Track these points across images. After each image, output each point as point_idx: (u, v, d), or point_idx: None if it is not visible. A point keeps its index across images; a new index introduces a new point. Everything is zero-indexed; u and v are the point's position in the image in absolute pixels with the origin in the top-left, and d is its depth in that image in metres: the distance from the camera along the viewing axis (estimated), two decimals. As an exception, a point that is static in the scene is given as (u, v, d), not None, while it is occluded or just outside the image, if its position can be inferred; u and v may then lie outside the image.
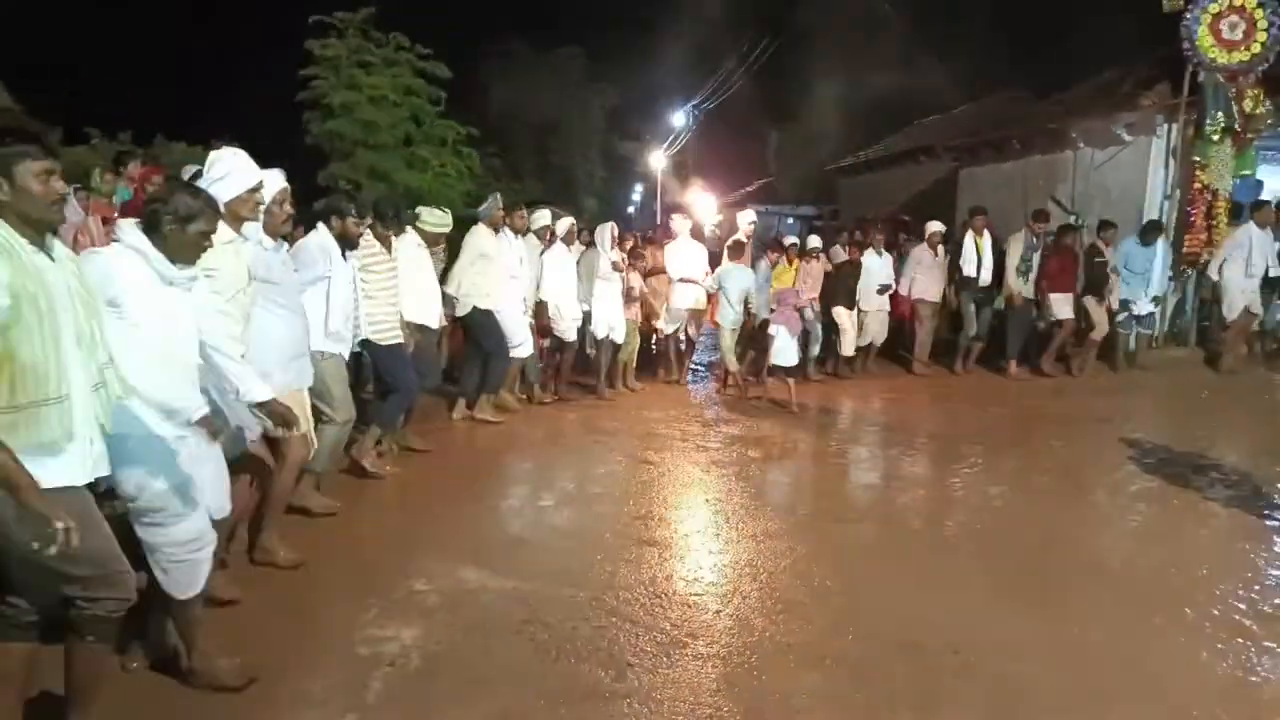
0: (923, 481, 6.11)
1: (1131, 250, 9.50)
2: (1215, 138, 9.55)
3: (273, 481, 3.97)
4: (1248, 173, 9.91)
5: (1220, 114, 9.48)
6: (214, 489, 3.07)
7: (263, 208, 3.72)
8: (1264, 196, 10.07)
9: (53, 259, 2.37)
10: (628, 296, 8.35)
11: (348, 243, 4.87)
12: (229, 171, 3.47)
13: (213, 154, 3.57)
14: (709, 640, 3.59)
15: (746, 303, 8.44)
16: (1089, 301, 9.32)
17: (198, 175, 6.42)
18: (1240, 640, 3.67)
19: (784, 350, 7.93)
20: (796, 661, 3.44)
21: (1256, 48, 9.49)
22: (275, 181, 3.93)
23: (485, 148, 13.59)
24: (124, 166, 7.86)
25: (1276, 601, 4.04)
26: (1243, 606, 3.97)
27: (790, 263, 9.11)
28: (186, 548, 2.92)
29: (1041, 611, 3.93)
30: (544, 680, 3.27)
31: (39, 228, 2.33)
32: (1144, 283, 9.54)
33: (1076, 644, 3.62)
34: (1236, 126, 9.54)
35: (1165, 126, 10.21)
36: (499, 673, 3.32)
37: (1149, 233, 9.53)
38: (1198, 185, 9.77)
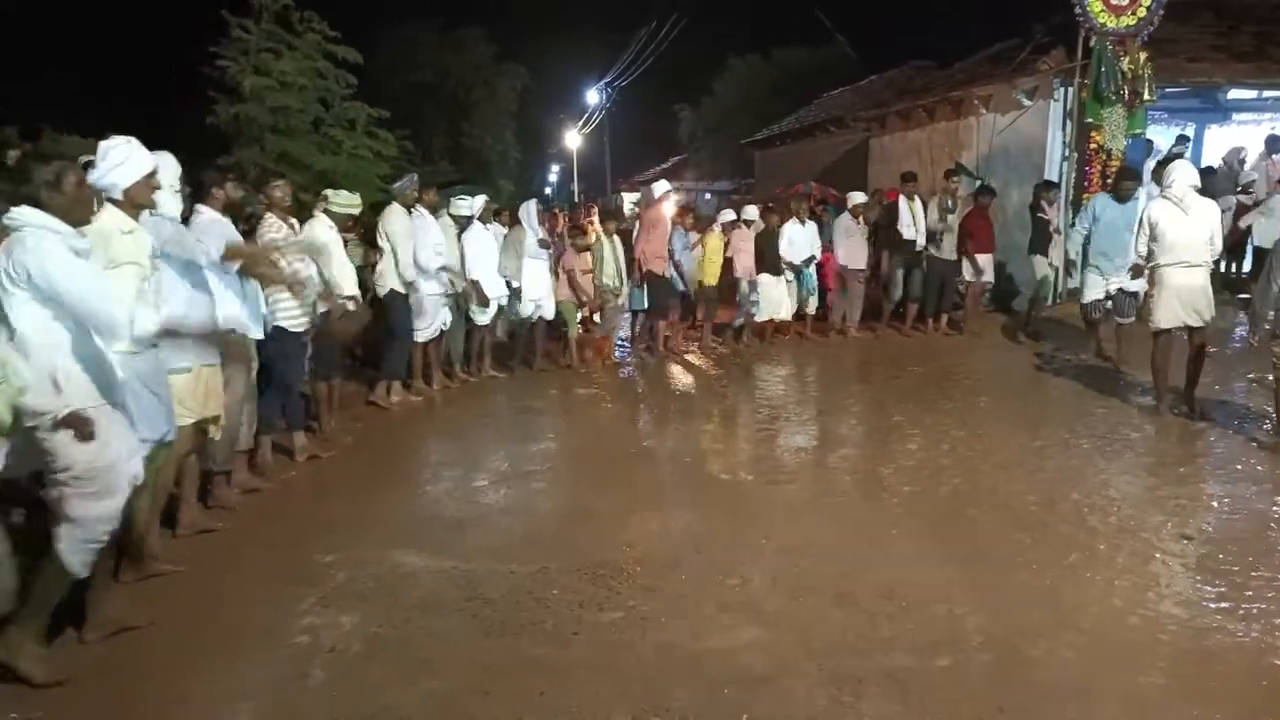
0: (850, 441, 6.27)
1: (1107, 209, 7.68)
2: (1108, 102, 9.93)
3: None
4: (1139, 132, 10.38)
5: (1109, 81, 9.84)
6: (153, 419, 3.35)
7: (163, 193, 3.73)
8: (1159, 155, 10.49)
9: None
10: (571, 277, 8.36)
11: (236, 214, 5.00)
12: (124, 159, 3.47)
13: (103, 144, 3.52)
14: (651, 606, 3.63)
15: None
16: (1037, 260, 9.38)
17: (90, 165, 6.12)
18: (1147, 569, 3.89)
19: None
20: (738, 619, 3.51)
21: (1141, 12, 9.92)
22: (174, 165, 4.03)
23: (395, 130, 13.26)
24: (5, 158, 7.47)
25: (1181, 531, 4.29)
26: (1148, 538, 4.20)
27: (724, 234, 9.25)
28: (108, 525, 3.01)
29: (967, 556, 4.09)
30: (488, 656, 3.27)
31: None
32: (1124, 249, 7.23)
33: (1001, 584, 3.79)
34: (1124, 92, 9.93)
35: (1062, 90, 10.61)
36: (442, 652, 3.31)
37: (1125, 182, 7.81)
38: (1093, 146, 10.18)
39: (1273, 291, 5.33)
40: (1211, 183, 9.20)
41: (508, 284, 7.96)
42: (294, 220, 5.62)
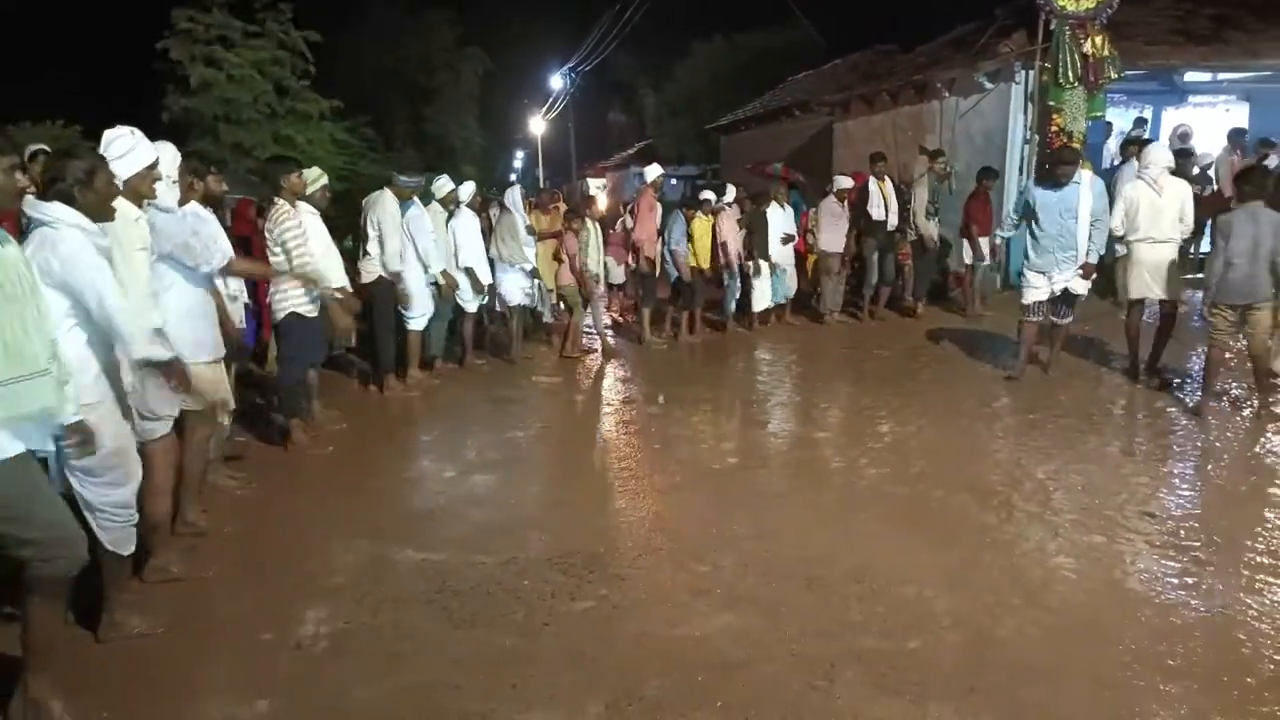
0: (820, 425, 6.29)
1: (1044, 197, 6.59)
2: (1068, 85, 10.03)
3: (183, 460, 4.00)
4: (1098, 115, 10.50)
5: (1068, 64, 9.94)
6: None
7: (160, 184, 3.67)
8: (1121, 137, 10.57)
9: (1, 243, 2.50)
10: (571, 261, 8.28)
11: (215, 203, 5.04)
12: (129, 149, 3.43)
13: (108, 134, 3.46)
14: (623, 594, 3.61)
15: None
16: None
17: (36, 155, 5.94)
18: (1112, 547, 3.95)
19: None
20: (711, 606, 3.50)
21: (1102, -6, 10.01)
22: (173, 155, 3.99)
23: (356, 116, 13.09)
24: None
25: (1144, 509, 4.36)
26: (1112, 516, 4.26)
27: (711, 216, 9.14)
28: (129, 509, 3.13)
29: (935, 538, 4.12)
30: (458, 649, 3.23)
31: None
32: (1069, 240, 6.55)
33: (968, 565, 3.82)
34: (1087, 76, 10.01)
35: (1023, 73, 10.69)
36: (411, 646, 3.26)
37: (1061, 167, 6.62)
38: (1054, 128, 10.27)
39: (1217, 263, 5.50)
40: (1184, 165, 9.12)
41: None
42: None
